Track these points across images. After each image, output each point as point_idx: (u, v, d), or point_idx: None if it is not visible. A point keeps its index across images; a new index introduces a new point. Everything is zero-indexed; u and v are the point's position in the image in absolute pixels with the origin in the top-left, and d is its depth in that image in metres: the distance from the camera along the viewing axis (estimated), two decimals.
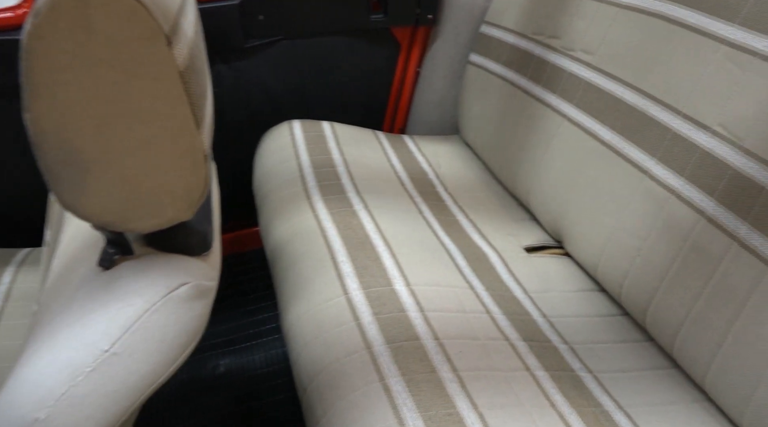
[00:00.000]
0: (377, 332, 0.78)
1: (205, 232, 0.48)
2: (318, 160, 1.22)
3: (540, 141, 1.11)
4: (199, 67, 0.44)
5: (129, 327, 0.38)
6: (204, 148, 0.42)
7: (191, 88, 0.40)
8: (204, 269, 0.46)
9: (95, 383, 0.36)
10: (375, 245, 0.94)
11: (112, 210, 0.40)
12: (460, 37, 1.45)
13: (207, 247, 0.48)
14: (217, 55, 1.38)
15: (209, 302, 0.45)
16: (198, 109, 0.40)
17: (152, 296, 0.40)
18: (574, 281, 0.98)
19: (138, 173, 0.39)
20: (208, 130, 0.46)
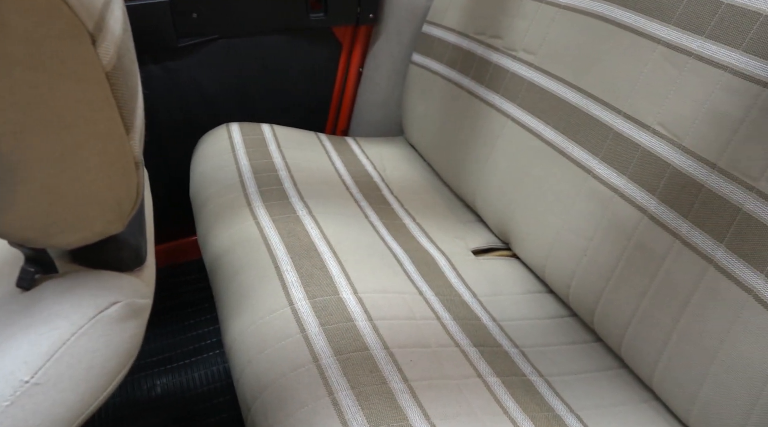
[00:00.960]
0: (325, 343, 0.75)
1: (139, 245, 0.44)
2: (258, 164, 1.18)
3: (485, 141, 1.10)
4: (128, 67, 0.40)
5: (53, 354, 0.34)
6: (135, 154, 0.38)
7: (119, 90, 0.36)
8: (137, 286, 0.42)
9: (15, 418, 0.32)
10: (320, 252, 0.91)
11: (33, 225, 0.36)
12: (403, 36, 1.44)
13: (140, 261, 0.44)
14: (147, 55, 1.31)
15: (143, 320, 0.41)
16: (127, 113, 0.37)
17: (79, 318, 0.36)
18: (522, 283, 0.97)
19: (62, 183, 0.35)
20: (140, 135, 0.42)
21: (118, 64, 0.36)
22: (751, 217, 0.65)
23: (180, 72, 1.36)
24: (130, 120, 0.37)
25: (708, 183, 0.70)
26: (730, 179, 0.68)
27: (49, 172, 0.35)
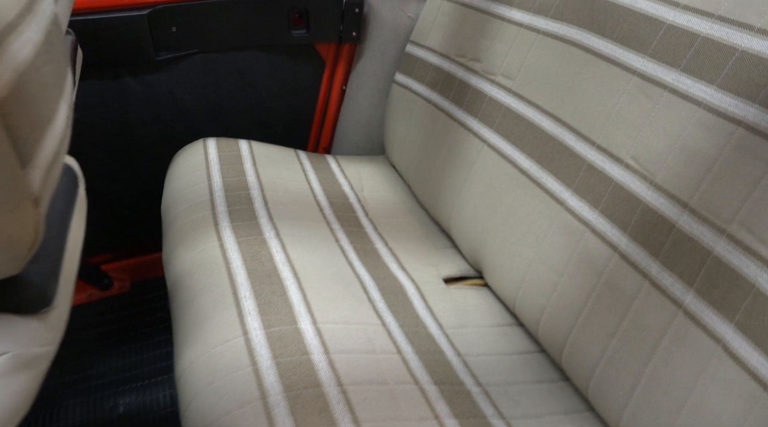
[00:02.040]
0: (275, 378, 0.71)
1: (46, 286, 0.41)
2: (231, 182, 1.15)
3: (461, 166, 1.07)
4: (33, 94, 0.37)
5: None
6: (33, 191, 0.35)
7: (14, 120, 0.33)
8: (37, 332, 0.39)
9: None
10: (283, 278, 0.88)
11: None
12: (386, 55, 1.41)
13: (46, 303, 0.41)
14: (125, 68, 1.29)
15: (40, 371, 0.38)
16: (23, 146, 0.34)
17: None
18: (492, 316, 0.94)
19: None
20: (45, 169, 0.39)
21: (16, 91, 0.33)
22: (721, 262, 0.62)
23: (157, 86, 1.34)
24: (27, 153, 0.34)
25: (679, 223, 0.67)
26: (702, 220, 0.65)
27: None
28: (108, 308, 1.62)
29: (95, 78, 1.28)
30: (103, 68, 1.27)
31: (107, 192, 1.47)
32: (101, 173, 1.43)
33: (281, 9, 1.31)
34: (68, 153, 1.36)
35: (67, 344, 1.44)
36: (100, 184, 1.45)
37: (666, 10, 0.74)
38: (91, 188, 1.44)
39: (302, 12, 1.33)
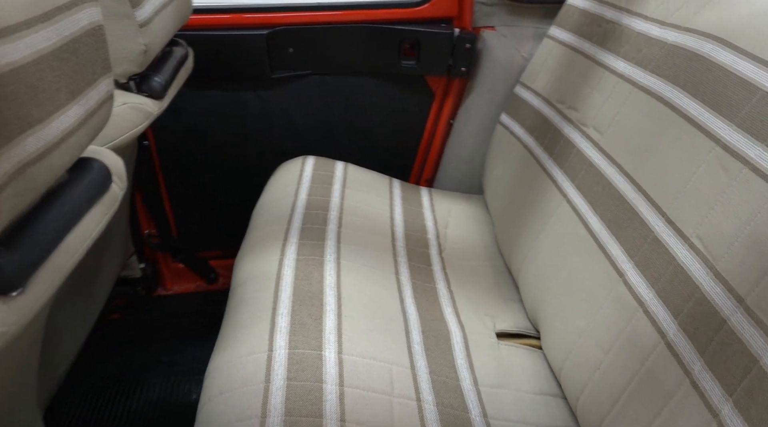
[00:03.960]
0: (281, 400, 0.72)
1: (14, 272, 0.45)
2: (314, 201, 1.19)
3: (539, 217, 1.02)
4: (16, 95, 0.40)
5: None
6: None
7: None
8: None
9: None
10: (325, 302, 0.89)
11: None
12: (495, 94, 1.39)
13: (12, 287, 0.45)
14: (243, 83, 1.39)
15: None
16: None
17: None
18: (537, 382, 0.87)
19: None
20: (25, 165, 0.43)
21: None
22: (765, 374, 0.52)
23: (272, 102, 1.42)
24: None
25: (731, 320, 0.58)
26: (755, 322, 0.55)
27: None
28: (209, 300, 1.74)
29: (217, 89, 1.39)
30: (225, 81, 1.38)
31: (220, 194, 1.58)
32: (216, 177, 1.55)
33: (393, 39, 1.34)
34: (189, 154, 1.48)
35: (165, 327, 1.57)
36: (215, 186, 1.57)
37: (766, 75, 0.65)
38: (206, 190, 1.57)
39: (414, 43, 1.35)
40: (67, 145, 0.49)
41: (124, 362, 1.41)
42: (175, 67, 1.05)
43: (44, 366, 0.98)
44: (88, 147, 0.67)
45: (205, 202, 1.59)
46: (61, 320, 1.05)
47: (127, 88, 0.95)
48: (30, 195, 0.45)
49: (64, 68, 0.47)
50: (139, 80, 0.95)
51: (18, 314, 0.45)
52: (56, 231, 0.51)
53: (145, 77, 0.96)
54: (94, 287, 1.21)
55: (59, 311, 1.02)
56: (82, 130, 0.53)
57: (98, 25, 0.55)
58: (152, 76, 0.97)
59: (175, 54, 1.09)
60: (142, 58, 0.90)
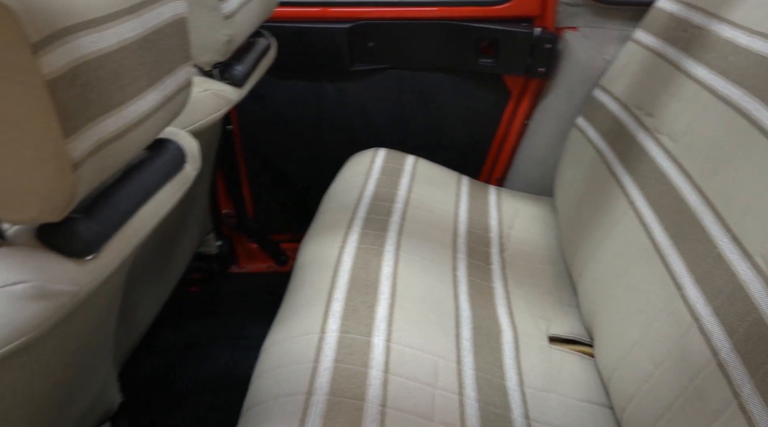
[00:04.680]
0: (327, 380, 0.75)
1: (91, 238, 0.50)
2: (381, 192, 1.21)
3: (605, 224, 1.00)
4: (100, 80, 0.45)
5: None
6: (72, 157, 0.43)
7: (63, 96, 0.41)
8: (71, 273, 0.48)
9: None
10: (379, 292, 0.91)
11: None
12: (573, 96, 1.36)
13: (87, 252, 0.50)
14: (323, 74, 1.43)
15: (56, 304, 0.47)
16: (69, 119, 0.42)
17: None
18: (585, 390, 0.86)
19: (2, 169, 0.42)
20: (104, 143, 0.47)
21: (71, 75, 0.42)
22: None
23: (349, 94, 1.46)
24: (74, 126, 0.43)
25: None
26: None
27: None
28: (278, 281, 1.82)
29: (298, 79, 1.45)
30: (306, 72, 1.43)
31: (295, 180, 1.64)
32: (292, 163, 1.61)
33: (471, 37, 1.34)
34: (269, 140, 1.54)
35: (235, 303, 1.65)
36: (291, 172, 1.63)
37: None
38: (283, 175, 1.63)
39: (492, 42, 1.35)
40: (144, 126, 0.54)
41: (195, 332, 1.50)
42: (257, 57, 1.11)
43: (121, 329, 1.07)
44: (168, 129, 0.73)
45: (281, 187, 1.66)
46: (140, 288, 1.13)
47: (210, 75, 1.01)
48: (108, 170, 0.50)
49: (146, 57, 0.52)
50: (222, 68, 1.01)
51: (91, 276, 0.50)
52: (131, 204, 0.57)
53: (227, 66, 1.02)
54: (173, 259, 1.29)
55: (139, 279, 1.11)
56: (159, 114, 0.58)
57: (181, 18, 0.60)
58: (234, 65, 1.03)
59: (258, 45, 1.15)
60: (225, 48, 0.96)
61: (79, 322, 0.64)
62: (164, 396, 1.32)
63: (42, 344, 0.55)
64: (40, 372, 0.60)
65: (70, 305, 0.48)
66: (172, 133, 0.71)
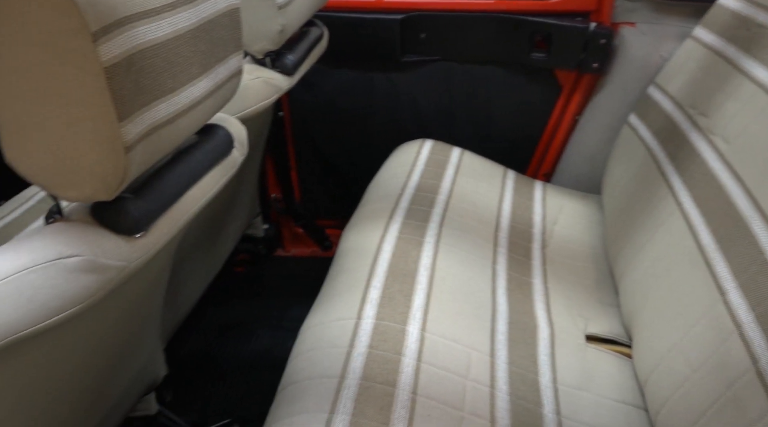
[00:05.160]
0: (360, 365, 0.77)
1: (140, 217, 0.53)
2: (425, 183, 1.22)
3: (650, 224, 0.98)
4: (147, 69, 0.47)
5: (5, 277, 0.45)
6: (125, 140, 0.46)
7: (118, 83, 0.44)
8: (120, 249, 0.51)
9: None
10: (416, 281, 0.93)
11: (39, 174, 0.47)
12: (627, 93, 1.33)
13: (136, 230, 0.53)
14: (374, 64, 1.44)
15: (106, 279, 0.49)
16: (124, 104, 0.45)
17: (39, 257, 0.46)
18: (620, 391, 0.85)
19: (60, 150, 0.46)
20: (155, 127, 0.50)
21: (127, 62, 0.44)
22: None
23: (399, 85, 1.47)
24: (128, 111, 0.45)
25: None
26: None
27: (52, 138, 0.45)
28: (321, 266, 1.85)
29: (349, 68, 1.46)
30: (357, 62, 1.45)
31: (342, 168, 1.67)
32: (340, 150, 1.63)
33: (524, 30, 1.33)
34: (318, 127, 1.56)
35: (278, 285, 1.69)
36: (339, 159, 1.66)
37: None
38: (330, 162, 1.66)
39: (545, 36, 1.33)
40: (194, 112, 0.56)
41: (239, 312, 1.55)
42: (308, 46, 1.13)
43: (168, 305, 1.11)
44: (218, 115, 0.76)
45: (328, 174, 1.69)
46: (188, 267, 1.18)
47: (262, 63, 1.04)
48: (159, 153, 0.53)
49: (199, 45, 0.54)
50: (274, 57, 1.04)
51: (139, 253, 0.53)
52: (179, 186, 0.59)
53: (279, 55, 1.04)
54: (220, 240, 1.34)
55: (187, 258, 1.15)
56: (209, 101, 0.60)
57: (235, 8, 0.62)
58: (286, 54, 1.05)
59: (310, 34, 1.17)
60: (278, 37, 0.98)
61: (127, 295, 0.67)
62: (206, 372, 1.37)
63: (93, 313, 0.58)
64: (91, 339, 0.63)
65: (119, 279, 0.51)
66: (222, 120, 0.73)
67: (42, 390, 0.59)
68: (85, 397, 0.72)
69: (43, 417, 0.63)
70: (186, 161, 0.62)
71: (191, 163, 0.62)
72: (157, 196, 0.56)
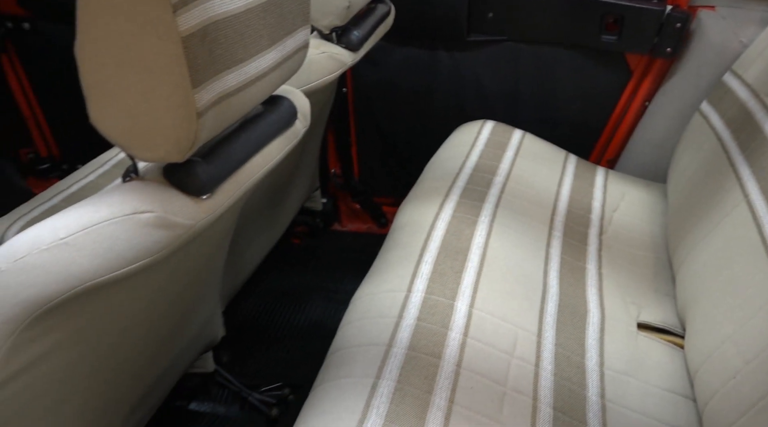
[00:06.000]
0: (408, 335, 0.79)
1: (207, 180, 0.56)
2: (483, 164, 1.22)
3: (714, 214, 0.95)
4: (226, 39, 0.50)
5: (86, 228, 0.49)
6: (198, 106, 0.49)
7: (193, 52, 0.47)
8: (189, 208, 0.55)
9: (44, 259, 0.47)
10: (468, 259, 0.94)
11: (119, 135, 0.50)
12: (701, 79, 1.29)
13: (203, 192, 0.56)
14: (439, 43, 1.44)
15: (174, 234, 0.53)
16: (197, 72, 0.48)
17: (117, 211, 0.50)
18: (670, 380, 0.84)
19: (139, 113, 0.49)
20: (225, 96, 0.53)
21: (201, 33, 0.47)
22: None
23: (463, 65, 1.47)
24: (201, 79, 0.48)
25: None
26: None
27: (132, 101, 0.48)
28: (376, 242, 1.89)
29: (414, 46, 1.47)
30: (422, 40, 1.45)
31: (402, 146, 1.68)
32: (401, 129, 1.65)
33: (595, 12, 1.29)
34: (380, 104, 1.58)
35: (334, 258, 1.74)
36: (399, 137, 1.67)
37: None
38: (391, 139, 1.68)
39: (617, 18, 1.29)
40: (262, 83, 0.59)
41: (294, 282, 1.60)
42: (374, 23, 1.14)
43: (229, 270, 1.17)
44: (283, 87, 0.79)
45: (388, 151, 1.71)
46: (248, 235, 1.23)
47: (328, 38, 1.06)
48: (227, 120, 0.56)
49: (269, 18, 0.57)
50: (340, 32, 1.06)
51: (205, 213, 0.57)
52: (244, 153, 0.63)
53: (345, 30, 1.06)
54: (281, 210, 1.38)
55: (248, 226, 1.20)
56: (277, 72, 0.63)
57: None
58: (352, 29, 1.07)
59: (377, 11, 1.18)
60: (345, 13, 1.00)
61: (193, 254, 0.72)
62: (261, 337, 1.43)
63: (162, 268, 0.62)
64: (159, 293, 0.68)
65: (186, 237, 0.55)
66: (287, 92, 0.76)
67: (116, 335, 0.64)
68: (150, 347, 0.78)
69: (115, 360, 0.68)
70: (251, 130, 0.65)
71: (256, 132, 0.65)
72: (224, 161, 0.59)
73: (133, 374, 0.78)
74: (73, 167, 1.89)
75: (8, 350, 0.48)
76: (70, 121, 1.78)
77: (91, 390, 0.67)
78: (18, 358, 0.50)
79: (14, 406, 0.53)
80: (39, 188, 1.94)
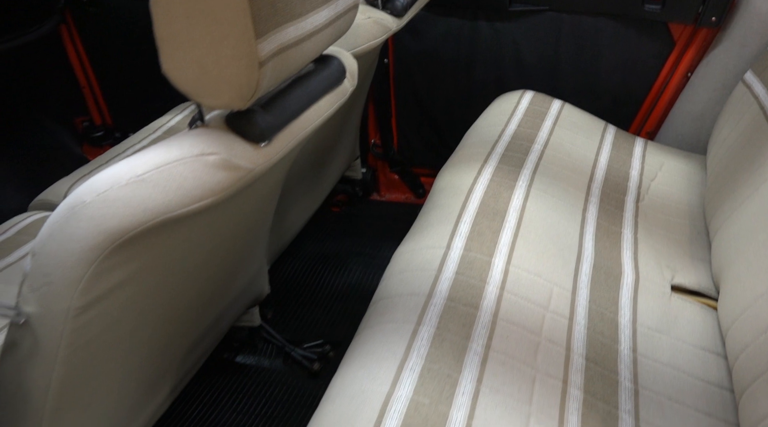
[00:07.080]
0: (447, 287, 0.83)
1: (266, 128, 0.61)
2: (522, 132, 1.25)
3: (752, 180, 0.96)
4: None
5: (159, 166, 0.54)
6: (260, 56, 0.53)
7: (258, 4, 0.51)
8: (249, 153, 0.59)
9: (124, 193, 0.52)
10: (505, 220, 0.97)
11: (188, 83, 0.55)
12: (746, 49, 1.28)
13: (262, 139, 0.61)
14: (481, 12, 1.46)
15: (235, 176, 0.58)
16: (260, 23, 0.52)
17: (186, 152, 0.55)
18: (701, 337, 0.87)
19: (207, 62, 0.53)
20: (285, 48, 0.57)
21: None
22: None
23: (504, 34, 1.48)
24: (263, 30, 0.52)
25: None
26: None
27: (201, 51, 0.53)
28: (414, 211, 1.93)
29: (456, 16, 1.49)
30: (464, 9, 1.47)
31: (441, 117, 1.71)
32: (441, 99, 1.67)
33: None
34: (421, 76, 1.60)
35: (372, 226, 1.78)
36: (438, 108, 1.70)
37: None
38: (430, 111, 1.70)
39: None
40: (316, 38, 0.63)
41: (334, 247, 1.66)
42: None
43: (275, 230, 1.22)
44: (332, 48, 0.83)
45: (427, 122, 1.74)
46: (294, 196, 1.28)
47: (374, 4, 1.09)
48: (286, 71, 0.60)
49: None
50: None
51: (263, 159, 0.61)
52: (298, 105, 0.67)
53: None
54: (322, 177, 1.43)
55: (293, 189, 1.25)
56: (329, 30, 0.67)
57: None
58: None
59: None
60: None
61: (248, 201, 0.77)
62: (303, 296, 1.49)
63: (223, 209, 0.68)
64: (218, 236, 0.73)
65: (247, 180, 0.60)
66: (336, 52, 0.80)
67: (180, 274, 0.70)
68: (207, 291, 0.83)
69: (179, 300, 0.74)
70: (304, 85, 0.69)
71: (309, 87, 0.69)
72: (280, 112, 0.64)
73: (191, 317, 0.85)
74: (125, 135, 1.97)
75: (90, 276, 0.54)
76: (123, 91, 1.85)
77: (157, 326, 0.73)
78: (99, 284, 0.55)
79: (95, 329, 0.59)
80: (92, 155, 2.04)
